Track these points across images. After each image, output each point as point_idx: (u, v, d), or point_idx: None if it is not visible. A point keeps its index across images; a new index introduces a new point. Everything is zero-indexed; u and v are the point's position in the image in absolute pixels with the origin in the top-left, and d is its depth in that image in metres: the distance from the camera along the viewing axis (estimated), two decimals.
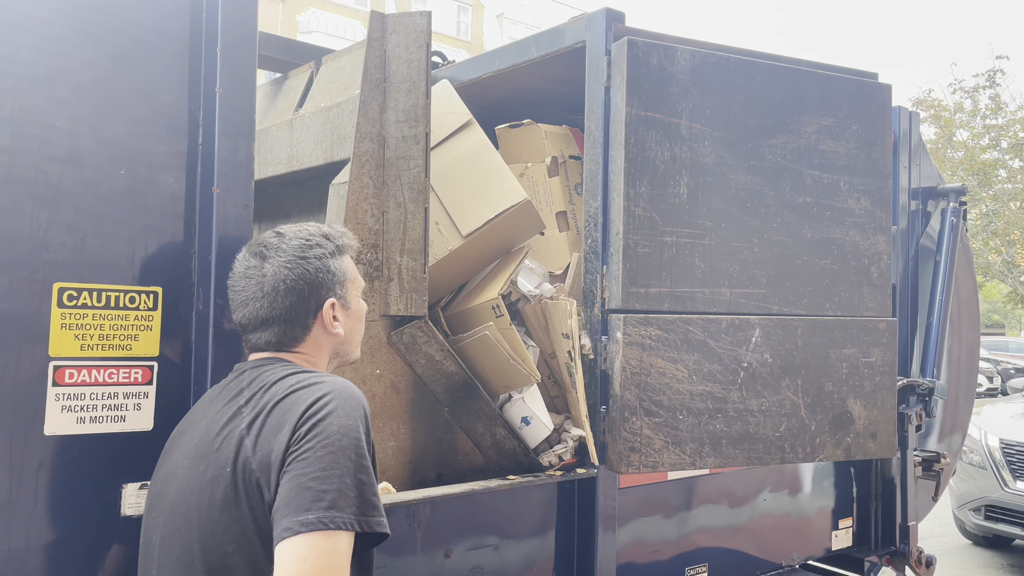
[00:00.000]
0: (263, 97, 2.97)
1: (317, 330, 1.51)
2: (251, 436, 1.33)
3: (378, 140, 2.31)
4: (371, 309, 2.27)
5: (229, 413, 1.40)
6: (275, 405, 1.34)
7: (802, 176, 2.66)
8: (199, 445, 1.40)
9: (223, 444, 1.35)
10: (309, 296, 1.48)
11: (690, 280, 2.48)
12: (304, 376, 1.40)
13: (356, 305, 1.58)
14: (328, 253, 1.51)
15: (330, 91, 2.54)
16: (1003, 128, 18.61)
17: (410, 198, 2.30)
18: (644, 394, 2.38)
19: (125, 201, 1.71)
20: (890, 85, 2.83)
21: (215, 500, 1.32)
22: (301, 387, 1.36)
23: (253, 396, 1.40)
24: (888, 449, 2.80)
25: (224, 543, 1.30)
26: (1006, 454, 6.37)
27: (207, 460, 1.37)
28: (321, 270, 1.49)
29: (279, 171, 2.66)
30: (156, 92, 1.78)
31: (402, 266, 2.30)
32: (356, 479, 1.25)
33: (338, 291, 1.52)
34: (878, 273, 2.79)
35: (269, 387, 1.39)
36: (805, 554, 3.24)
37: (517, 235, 2.59)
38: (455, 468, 2.48)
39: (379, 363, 2.30)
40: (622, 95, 2.41)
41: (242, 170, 1.80)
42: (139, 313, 1.71)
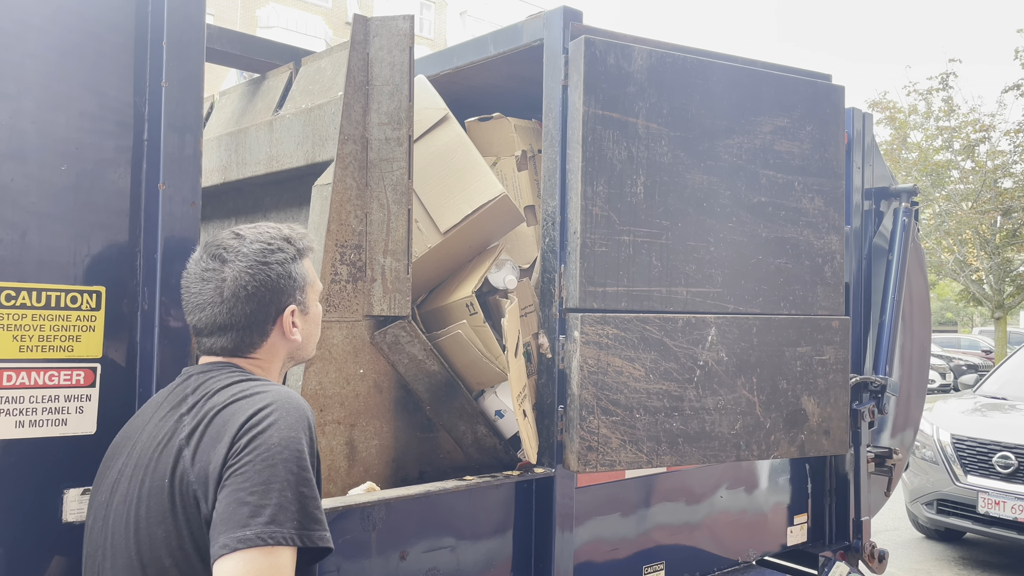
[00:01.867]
0: (240, 97, 2.95)
1: (275, 336, 1.46)
2: (190, 447, 1.28)
3: (361, 142, 2.32)
4: (354, 309, 2.29)
5: (171, 421, 1.35)
6: (215, 415, 1.30)
7: (757, 176, 2.68)
8: (140, 453, 1.36)
9: (162, 454, 1.31)
10: (270, 303, 1.43)
11: (647, 279, 2.48)
12: (248, 385, 1.35)
13: (314, 309, 1.54)
14: (290, 258, 1.46)
15: (311, 92, 2.54)
16: (955, 130, 19.03)
17: (393, 199, 2.31)
18: (601, 393, 2.38)
19: (67, 198, 1.66)
20: (843, 87, 2.87)
21: (152, 512, 1.28)
22: (243, 397, 1.31)
23: (195, 404, 1.35)
24: (841, 446, 2.85)
25: (161, 556, 1.26)
26: (957, 449, 6.51)
27: (145, 470, 1.32)
28: (283, 276, 1.44)
29: (258, 171, 2.64)
30: (102, 86, 1.73)
31: (385, 267, 2.31)
32: (297, 492, 1.20)
33: (298, 296, 1.47)
34: (831, 272, 2.83)
35: (212, 395, 1.34)
36: (761, 550, 3.28)
37: (496, 230, 2.58)
38: (437, 466, 2.50)
39: (362, 363, 2.31)
40: (579, 94, 2.41)
41: (189, 167, 1.76)
42: (81, 313, 1.66)
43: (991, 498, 6.10)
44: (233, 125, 2.85)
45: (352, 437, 2.32)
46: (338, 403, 2.28)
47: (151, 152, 1.74)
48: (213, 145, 2.86)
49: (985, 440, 6.38)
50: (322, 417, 2.25)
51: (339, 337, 2.27)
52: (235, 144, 2.75)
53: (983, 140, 18.75)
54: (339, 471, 2.29)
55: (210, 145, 2.88)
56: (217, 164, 2.83)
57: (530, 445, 2.40)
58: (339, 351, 2.27)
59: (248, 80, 3.01)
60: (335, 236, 2.26)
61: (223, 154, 2.81)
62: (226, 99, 3.06)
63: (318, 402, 2.24)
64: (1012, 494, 6.01)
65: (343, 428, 2.30)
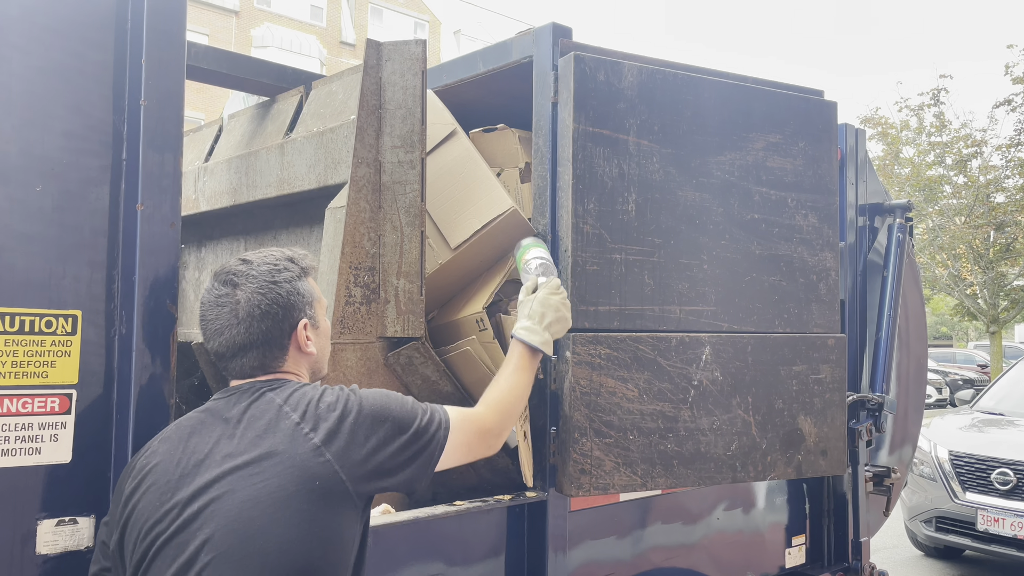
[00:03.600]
0: (250, 120, 2.97)
1: (293, 351, 1.55)
2: (328, 447, 1.42)
3: (374, 165, 2.35)
4: (368, 331, 2.32)
5: (235, 441, 1.43)
6: (316, 415, 1.45)
7: (750, 193, 2.65)
8: (196, 481, 1.39)
9: (283, 457, 1.39)
10: (284, 319, 1.52)
11: (639, 298, 2.44)
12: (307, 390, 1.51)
13: (324, 324, 1.64)
14: (296, 275, 1.56)
15: (322, 116, 2.57)
16: (947, 145, 19.13)
17: (407, 222, 2.34)
18: (594, 414, 2.34)
19: (42, 219, 1.62)
20: (836, 102, 2.85)
21: (279, 525, 1.34)
22: (314, 398, 1.48)
23: (304, 409, 1.46)
24: (838, 466, 2.80)
25: (290, 563, 1.33)
26: (955, 466, 6.47)
27: (251, 479, 1.37)
28: (292, 293, 1.53)
29: (269, 194, 2.67)
30: (82, 105, 1.69)
31: (399, 289, 2.34)
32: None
33: (308, 311, 1.57)
34: (826, 289, 2.79)
35: (287, 401, 1.47)
36: (759, 572, 3.22)
37: (506, 243, 2.54)
38: (449, 487, 2.53)
39: (377, 384, 2.33)
40: (569, 111, 2.38)
41: (168, 186, 1.72)
42: (56, 338, 1.61)
43: (990, 515, 6.04)
44: (243, 148, 2.88)
45: None
46: None
47: (129, 172, 1.70)
48: (223, 167, 2.90)
49: (983, 456, 6.34)
50: None
51: (353, 359, 2.29)
52: (245, 167, 2.78)
53: (975, 155, 18.85)
54: None
55: (220, 167, 2.91)
56: (227, 186, 2.87)
57: (527, 467, 2.36)
58: (353, 373, 2.29)
59: (257, 103, 3.03)
60: (349, 258, 2.29)
61: (233, 176, 2.84)
62: (235, 122, 3.08)
63: None
64: (1011, 511, 5.95)
65: None
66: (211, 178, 2.94)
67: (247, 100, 3.51)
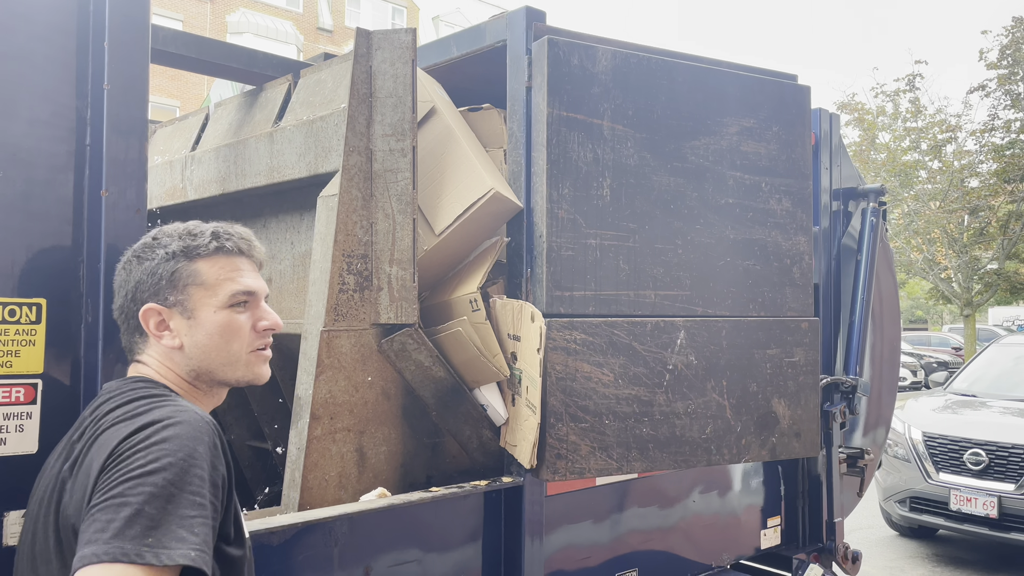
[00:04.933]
0: (237, 109, 2.95)
1: (153, 338, 1.35)
2: (72, 478, 1.19)
3: (366, 153, 2.37)
4: (361, 318, 2.32)
5: (67, 449, 1.28)
6: (94, 441, 1.20)
7: (724, 177, 2.65)
8: (44, 484, 1.29)
9: (53, 485, 1.24)
10: (133, 299, 1.34)
11: (615, 283, 2.44)
12: (135, 405, 1.24)
13: (208, 316, 1.34)
14: (166, 255, 1.34)
15: (312, 104, 2.56)
16: (923, 131, 19.31)
17: (398, 209, 2.36)
18: (570, 399, 2.34)
19: (4, 207, 1.59)
20: (809, 87, 2.86)
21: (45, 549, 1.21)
22: (125, 418, 1.20)
23: (87, 430, 1.26)
24: (812, 448, 2.83)
25: None
26: (929, 447, 6.56)
27: (41, 502, 1.26)
28: (149, 272, 1.33)
29: (259, 182, 2.66)
30: (48, 92, 1.65)
31: (391, 276, 2.35)
32: (161, 507, 1.07)
33: (168, 296, 1.33)
34: (800, 273, 2.81)
35: (101, 418, 1.24)
36: (735, 554, 3.25)
37: (492, 223, 2.52)
38: (443, 470, 2.54)
39: (370, 370, 2.35)
40: (543, 95, 2.37)
41: (134, 172, 1.69)
42: (20, 327, 1.59)
43: (963, 495, 6.14)
44: (231, 136, 2.87)
45: (362, 444, 2.35)
46: (347, 411, 2.31)
47: (93, 157, 1.67)
48: (211, 156, 2.88)
49: (956, 437, 6.44)
50: (332, 425, 2.27)
51: (347, 346, 2.30)
52: (234, 155, 2.77)
53: (950, 140, 19.04)
54: (350, 478, 2.32)
55: (208, 156, 2.90)
56: (216, 175, 2.85)
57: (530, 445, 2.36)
58: (348, 359, 2.30)
59: (244, 92, 3.00)
60: (342, 246, 2.30)
61: (221, 165, 2.83)
62: (222, 110, 3.06)
63: (329, 410, 2.26)
64: (983, 490, 6.06)
65: (353, 435, 2.33)
66: (199, 167, 2.93)
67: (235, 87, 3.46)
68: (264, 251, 1.47)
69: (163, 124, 3.42)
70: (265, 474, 3.19)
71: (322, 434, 2.24)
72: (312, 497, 2.22)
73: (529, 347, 2.33)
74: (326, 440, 2.25)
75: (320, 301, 2.28)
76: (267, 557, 1.89)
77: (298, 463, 2.24)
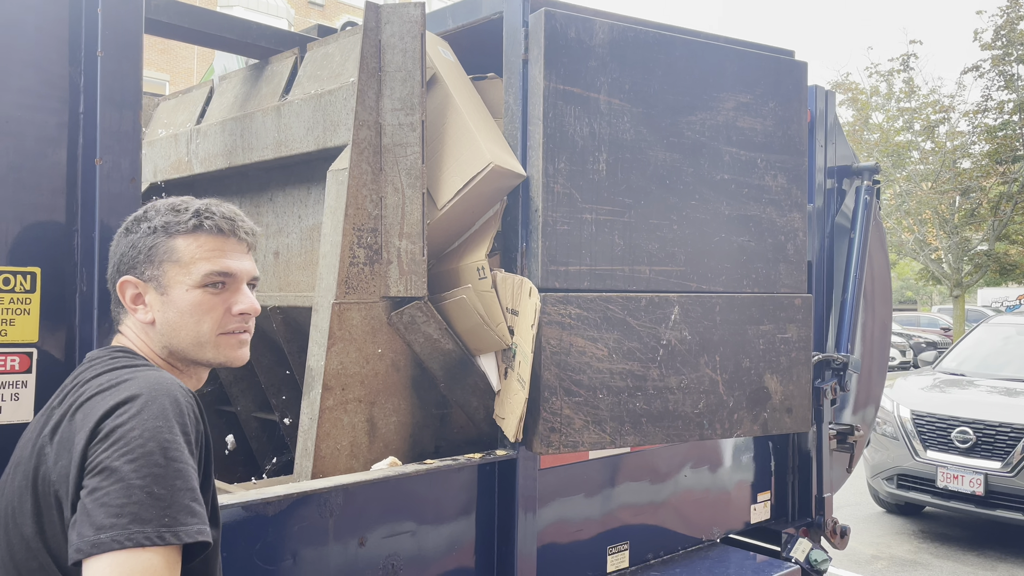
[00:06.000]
0: (243, 82, 2.94)
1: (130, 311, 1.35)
2: (52, 445, 1.18)
3: (375, 127, 2.38)
4: (372, 291, 2.36)
5: (45, 415, 1.27)
6: (77, 410, 1.19)
7: (720, 153, 2.65)
8: (20, 449, 1.28)
9: (31, 451, 1.23)
10: (117, 270, 1.34)
11: (610, 258, 2.45)
12: (118, 374, 1.23)
13: (180, 294, 1.31)
14: (149, 229, 1.32)
15: (320, 78, 2.56)
16: (916, 111, 19.29)
17: (407, 183, 2.37)
18: (564, 373, 2.35)
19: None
20: (806, 63, 2.85)
21: (20, 513, 1.20)
22: (107, 388, 1.19)
23: (67, 396, 1.24)
24: (803, 424, 2.85)
25: (29, 559, 1.18)
26: (917, 425, 6.63)
27: (17, 467, 1.25)
28: (130, 245, 1.33)
29: (266, 156, 2.67)
30: (39, 61, 1.63)
31: (401, 249, 2.37)
32: (168, 485, 1.09)
33: (145, 271, 1.32)
34: (794, 250, 2.82)
35: (81, 386, 1.24)
36: (725, 528, 3.29)
37: (494, 194, 2.50)
38: (451, 441, 2.60)
39: (380, 342, 2.39)
40: (540, 68, 2.36)
41: (128, 141, 1.68)
42: (15, 296, 1.58)
43: (950, 472, 6.22)
44: (237, 110, 2.87)
45: (372, 414, 2.40)
46: (358, 382, 2.35)
47: (87, 126, 1.66)
48: (217, 130, 2.89)
49: (944, 416, 6.50)
50: (344, 395, 2.32)
51: (358, 318, 2.34)
52: (240, 129, 2.78)
53: (943, 121, 19.04)
54: (361, 447, 2.36)
55: (213, 130, 2.90)
56: (221, 149, 2.86)
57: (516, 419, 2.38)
58: (358, 331, 2.34)
59: (250, 65, 2.99)
60: (352, 220, 2.32)
61: (227, 139, 2.84)
62: (227, 84, 3.05)
63: (340, 381, 2.31)
64: (970, 468, 6.13)
65: (364, 406, 2.37)
66: (204, 140, 2.93)
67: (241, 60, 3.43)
68: (257, 232, 1.42)
69: (166, 97, 3.41)
70: (272, 445, 3.22)
71: (334, 404, 2.29)
72: (325, 466, 2.27)
73: (525, 322, 2.34)
74: (338, 410, 2.30)
75: (331, 274, 2.31)
76: (262, 528, 1.90)
77: (310, 433, 2.27)
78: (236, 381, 3.18)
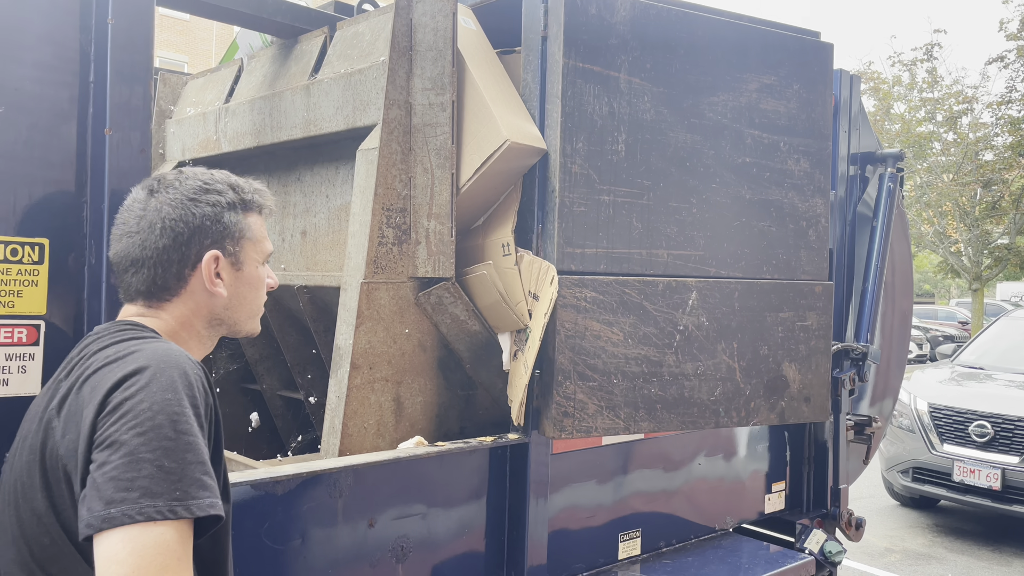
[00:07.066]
0: (272, 61, 2.94)
1: (195, 284, 1.32)
2: (60, 418, 1.17)
3: (405, 107, 2.37)
4: (400, 271, 2.36)
5: (52, 388, 1.25)
6: (85, 382, 1.17)
7: (742, 136, 2.59)
8: (28, 423, 1.26)
9: (39, 425, 1.21)
10: (188, 242, 1.29)
11: (627, 241, 2.40)
12: (126, 345, 1.21)
13: (252, 270, 1.38)
14: (226, 203, 1.33)
15: (350, 57, 2.55)
16: (939, 101, 19.04)
17: (437, 164, 2.36)
18: (578, 357, 2.31)
19: (6, 145, 1.55)
20: (832, 44, 2.79)
21: (29, 487, 1.19)
22: (115, 359, 1.17)
23: (74, 369, 1.23)
24: (821, 413, 2.80)
25: (40, 534, 1.17)
26: (934, 418, 6.55)
27: (25, 440, 1.23)
28: (209, 217, 1.31)
29: (295, 135, 2.67)
30: (51, 32, 1.60)
31: (430, 230, 2.37)
32: (179, 458, 1.07)
33: (228, 246, 1.33)
34: (815, 236, 2.76)
35: (89, 358, 1.22)
36: (738, 517, 3.25)
37: (514, 169, 2.45)
38: (476, 421, 2.60)
39: (408, 323, 2.40)
40: (559, 45, 2.30)
41: (139, 111, 1.64)
42: (23, 267, 1.56)
43: (966, 466, 6.14)
44: (266, 89, 2.87)
45: (399, 394, 2.41)
46: (386, 361, 2.35)
47: (97, 95, 1.63)
48: (245, 108, 2.89)
49: (962, 409, 6.42)
50: (371, 375, 2.32)
51: (386, 298, 2.33)
52: (269, 108, 2.78)
53: (966, 112, 18.78)
54: (387, 426, 2.37)
55: (242, 108, 2.90)
56: (250, 127, 2.85)
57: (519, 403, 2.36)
58: (386, 311, 2.34)
59: (277, 44, 2.97)
60: (382, 200, 2.31)
61: (256, 117, 2.83)
62: (256, 63, 3.04)
63: (368, 359, 2.31)
64: (987, 462, 6.06)
65: (391, 385, 2.38)
66: (233, 119, 2.92)
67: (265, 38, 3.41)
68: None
69: (194, 76, 3.39)
70: (296, 423, 3.23)
71: (362, 383, 2.28)
72: (352, 443, 2.27)
73: (540, 308, 2.30)
74: (365, 389, 2.29)
75: (360, 253, 2.30)
76: (272, 507, 1.88)
77: (338, 411, 2.27)
78: (261, 360, 3.19)
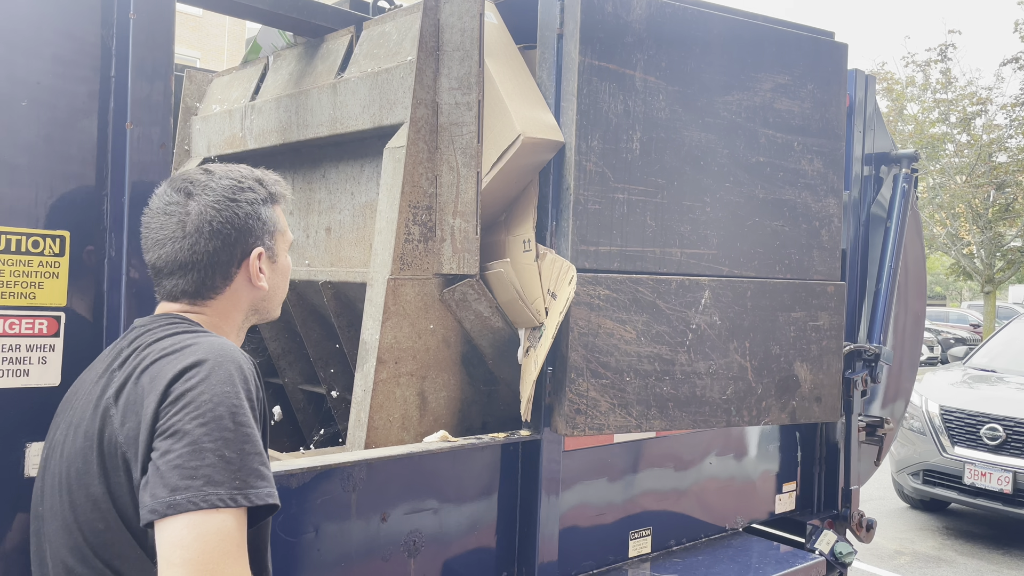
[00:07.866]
0: (298, 59, 2.96)
1: (240, 281, 1.36)
2: (118, 407, 1.19)
3: (432, 106, 2.40)
4: (425, 268, 2.40)
5: (105, 378, 1.27)
6: (143, 372, 1.20)
7: (756, 135, 2.59)
8: (79, 411, 1.27)
9: (93, 413, 1.23)
10: (236, 243, 1.32)
11: (641, 239, 2.41)
12: (182, 339, 1.24)
13: (283, 260, 1.44)
14: (260, 199, 1.37)
15: (377, 56, 2.57)
16: (952, 103, 18.92)
17: (463, 163, 2.37)
18: (591, 355, 2.32)
19: (28, 137, 1.56)
20: (846, 44, 2.78)
21: (84, 475, 1.21)
22: (172, 351, 1.21)
23: (128, 359, 1.25)
24: (833, 413, 2.80)
25: (95, 520, 1.19)
26: (945, 420, 6.52)
27: (77, 429, 1.24)
28: (251, 216, 1.34)
29: (321, 133, 2.69)
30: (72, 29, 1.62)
31: (455, 227, 2.38)
32: (238, 449, 1.11)
33: (267, 241, 1.38)
34: (828, 236, 2.76)
35: (144, 348, 1.24)
36: (749, 517, 3.25)
37: (531, 164, 2.47)
38: (497, 417, 2.63)
39: (432, 318, 2.43)
40: (575, 43, 2.31)
41: (159, 106, 1.66)
42: (44, 259, 1.57)
43: (977, 469, 6.11)
44: (292, 87, 2.89)
45: (423, 388, 2.43)
46: (411, 356, 2.38)
47: (119, 89, 1.64)
48: (272, 106, 2.92)
49: (973, 412, 6.39)
50: (397, 369, 2.35)
51: (411, 294, 2.36)
52: (295, 106, 2.80)
53: (979, 113, 18.66)
54: (412, 420, 2.39)
55: (268, 106, 2.93)
56: (276, 125, 2.88)
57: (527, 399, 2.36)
58: (412, 307, 2.37)
59: (304, 43, 3.00)
60: (408, 197, 2.34)
61: (282, 115, 2.86)
62: (282, 61, 3.06)
63: (394, 354, 2.34)
64: (999, 466, 6.02)
65: (415, 380, 2.41)
66: (259, 116, 2.95)
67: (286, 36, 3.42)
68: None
69: (219, 73, 3.42)
70: (318, 417, 3.26)
71: (387, 377, 2.31)
72: (377, 437, 2.30)
73: (556, 308, 2.31)
74: (391, 383, 2.32)
75: (386, 250, 2.33)
76: (286, 500, 1.90)
77: (364, 404, 2.30)
78: (284, 354, 3.22)
